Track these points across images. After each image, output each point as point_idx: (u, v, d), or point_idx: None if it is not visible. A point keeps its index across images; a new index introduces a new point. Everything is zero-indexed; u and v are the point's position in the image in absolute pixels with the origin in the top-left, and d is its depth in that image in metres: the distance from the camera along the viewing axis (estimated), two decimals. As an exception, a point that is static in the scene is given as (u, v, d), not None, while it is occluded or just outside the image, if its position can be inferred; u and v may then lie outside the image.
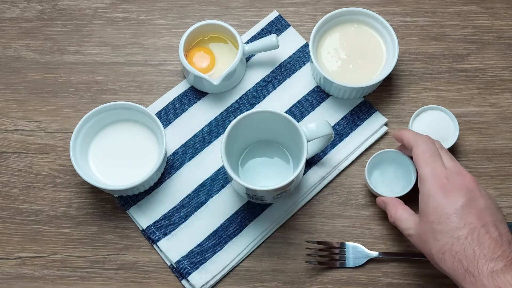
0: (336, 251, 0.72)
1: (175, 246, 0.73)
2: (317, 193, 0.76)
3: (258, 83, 0.81)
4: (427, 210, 0.61)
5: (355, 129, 0.78)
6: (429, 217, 0.61)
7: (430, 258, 0.62)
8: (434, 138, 0.74)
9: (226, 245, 0.73)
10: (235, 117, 0.69)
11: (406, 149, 0.72)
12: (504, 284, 0.55)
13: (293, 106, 0.79)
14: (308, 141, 0.68)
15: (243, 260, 0.73)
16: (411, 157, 0.71)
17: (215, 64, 0.79)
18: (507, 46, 0.82)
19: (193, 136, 0.78)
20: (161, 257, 0.74)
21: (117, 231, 0.75)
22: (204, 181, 0.76)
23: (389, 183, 0.74)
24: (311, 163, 0.76)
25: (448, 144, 0.74)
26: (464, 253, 0.58)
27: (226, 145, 0.67)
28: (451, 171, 0.63)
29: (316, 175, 0.76)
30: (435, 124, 0.75)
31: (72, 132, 0.73)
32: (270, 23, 0.83)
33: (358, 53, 0.78)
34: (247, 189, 0.67)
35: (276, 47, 0.78)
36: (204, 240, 0.74)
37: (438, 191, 0.61)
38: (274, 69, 0.81)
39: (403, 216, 0.66)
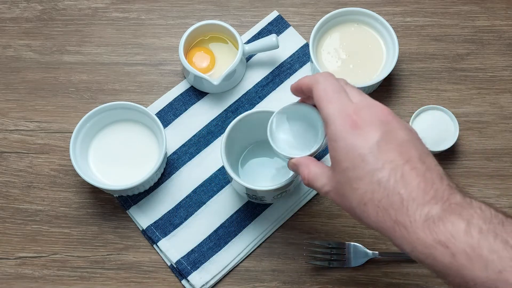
0: (336, 251, 0.72)
1: (175, 246, 0.73)
2: (317, 193, 0.76)
3: (258, 83, 0.81)
4: (338, 156, 0.50)
5: (355, 129, 0.78)
6: (341, 164, 0.50)
7: (352, 214, 0.51)
8: (434, 138, 0.74)
9: (226, 245, 0.73)
10: (235, 117, 0.69)
11: (309, 100, 0.60)
12: (445, 236, 0.44)
13: (293, 106, 0.79)
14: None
15: (243, 260, 0.73)
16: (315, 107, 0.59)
17: (215, 64, 0.79)
18: (507, 46, 0.82)
19: (193, 136, 0.78)
20: (161, 257, 0.74)
21: (117, 231, 0.75)
22: (204, 181, 0.76)
23: (297, 144, 0.62)
24: (311, 163, 0.76)
25: (448, 144, 0.74)
26: (389, 199, 0.47)
27: (226, 145, 0.67)
28: (359, 105, 0.51)
29: (316, 175, 0.76)
30: (435, 124, 0.75)
31: (72, 132, 0.73)
32: (270, 23, 0.83)
33: (358, 53, 0.78)
34: (247, 189, 0.67)
35: (276, 47, 0.78)
36: (204, 240, 0.74)
37: (347, 130, 0.49)
38: (274, 69, 0.81)
39: (316, 173, 0.54)
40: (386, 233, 0.48)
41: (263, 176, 0.74)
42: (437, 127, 0.75)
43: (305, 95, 0.58)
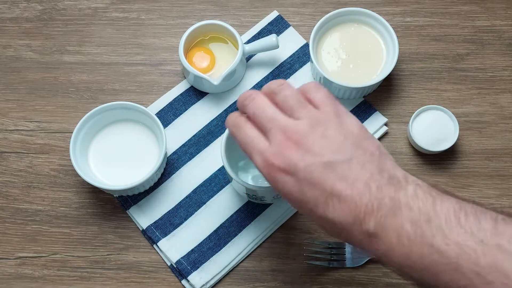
0: (336, 251, 0.72)
1: (175, 246, 0.73)
2: (317, 193, 0.76)
3: (258, 83, 0.81)
4: (285, 199, 0.52)
5: (355, 129, 0.78)
6: (292, 205, 0.53)
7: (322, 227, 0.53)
8: (434, 138, 0.74)
9: (226, 245, 0.73)
10: (235, 117, 0.69)
11: None
12: (383, 249, 0.48)
13: (293, 106, 0.79)
14: None
15: (243, 260, 0.73)
16: None
17: (215, 64, 0.79)
18: (507, 46, 0.82)
19: (193, 136, 0.78)
20: (161, 257, 0.74)
21: (117, 231, 0.75)
22: (204, 181, 0.76)
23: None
24: (311, 163, 0.76)
25: (448, 144, 0.74)
26: (336, 229, 0.49)
27: (226, 145, 0.67)
28: (279, 138, 0.50)
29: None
30: (435, 124, 0.75)
31: (72, 132, 0.73)
32: (270, 23, 0.83)
33: (358, 53, 0.78)
34: (247, 189, 0.67)
35: (276, 47, 0.78)
36: (204, 240, 0.74)
37: (276, 179, 0.51)
38: (274, 69, 0.81)
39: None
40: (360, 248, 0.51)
41: (263, 176, 0.74)
42: (437, 127, 0.75)
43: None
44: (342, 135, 0.50)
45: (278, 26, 0.83)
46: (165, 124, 0.78)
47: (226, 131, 0.68)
